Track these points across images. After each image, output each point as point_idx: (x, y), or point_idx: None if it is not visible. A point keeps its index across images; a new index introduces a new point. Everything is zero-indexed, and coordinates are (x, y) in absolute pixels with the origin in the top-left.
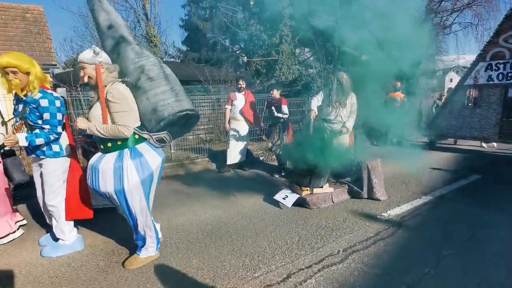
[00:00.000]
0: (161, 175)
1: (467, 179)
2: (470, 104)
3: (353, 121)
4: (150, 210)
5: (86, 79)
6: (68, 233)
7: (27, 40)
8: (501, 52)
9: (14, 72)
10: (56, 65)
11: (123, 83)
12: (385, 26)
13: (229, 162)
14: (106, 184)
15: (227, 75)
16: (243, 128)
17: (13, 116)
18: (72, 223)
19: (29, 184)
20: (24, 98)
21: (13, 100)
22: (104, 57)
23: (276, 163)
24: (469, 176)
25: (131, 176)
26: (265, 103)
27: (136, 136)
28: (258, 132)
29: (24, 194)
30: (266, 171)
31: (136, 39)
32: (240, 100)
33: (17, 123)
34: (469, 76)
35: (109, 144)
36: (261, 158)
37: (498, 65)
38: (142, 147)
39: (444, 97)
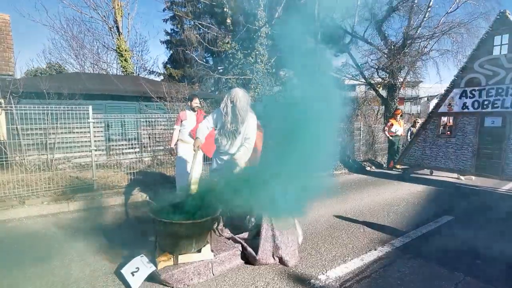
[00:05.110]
0: None
1: (436, 222)
2: (448, 133)
3: (247, 151)
4: None
5: None
6: None
7: None
8: (476, 78)
9: None
10: (12, 75)
11: None
12: None
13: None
14: None
15: (200, 93)
16: (190, 151)
17: None
18: None
19: None
20: None
21: None
22: None
23: None
24: (440, 218)
25: None
26: None
27: None
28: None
29: None
30: None
31: None
32: (191, 120)
33: None
34: (443, 103)
35: None
36: None
37: (473, 92)
38: None
39: (418, 124)
